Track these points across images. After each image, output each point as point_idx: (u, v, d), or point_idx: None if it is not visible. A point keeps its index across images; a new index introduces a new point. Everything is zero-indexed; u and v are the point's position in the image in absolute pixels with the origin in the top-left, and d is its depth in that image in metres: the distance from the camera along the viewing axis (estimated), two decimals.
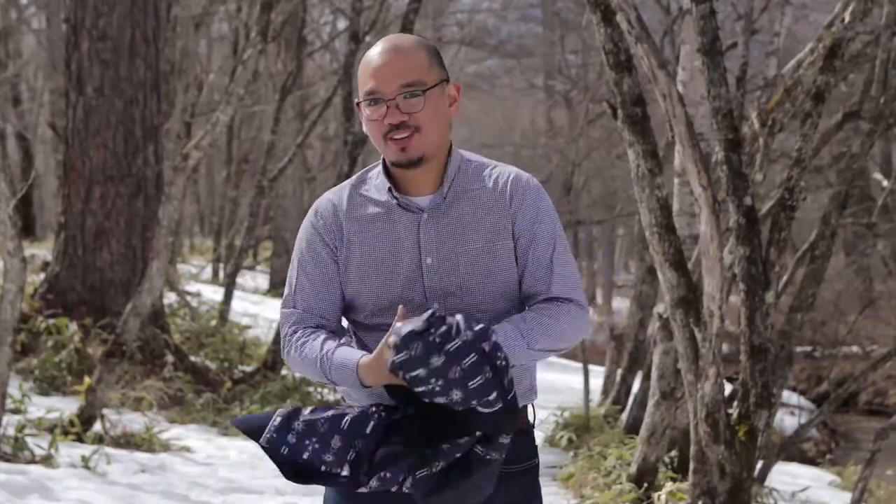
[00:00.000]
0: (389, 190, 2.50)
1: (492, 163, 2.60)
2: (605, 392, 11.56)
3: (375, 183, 2.55)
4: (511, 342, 2.40)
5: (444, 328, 2.24)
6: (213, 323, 11.64)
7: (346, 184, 2.60)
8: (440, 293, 2.47)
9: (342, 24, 20.32)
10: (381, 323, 2.48)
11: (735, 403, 4.96)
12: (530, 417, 2.57)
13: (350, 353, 2.44)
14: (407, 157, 2.45)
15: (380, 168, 2.56)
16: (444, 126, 2.49)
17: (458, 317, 2.26)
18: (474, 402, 2.26)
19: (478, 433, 2.30)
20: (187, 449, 7.35)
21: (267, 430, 2.40)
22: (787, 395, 14.00)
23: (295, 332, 2.54)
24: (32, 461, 6.18)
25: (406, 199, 2.50)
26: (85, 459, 6.30)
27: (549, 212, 2.55)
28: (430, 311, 2.27)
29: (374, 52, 2.48)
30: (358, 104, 2.52)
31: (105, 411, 7.20)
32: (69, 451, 6.50)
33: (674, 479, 6.95)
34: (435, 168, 2.51)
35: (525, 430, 2.54)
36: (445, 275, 2.47)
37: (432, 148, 2.48)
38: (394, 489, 2.33)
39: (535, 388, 2.59)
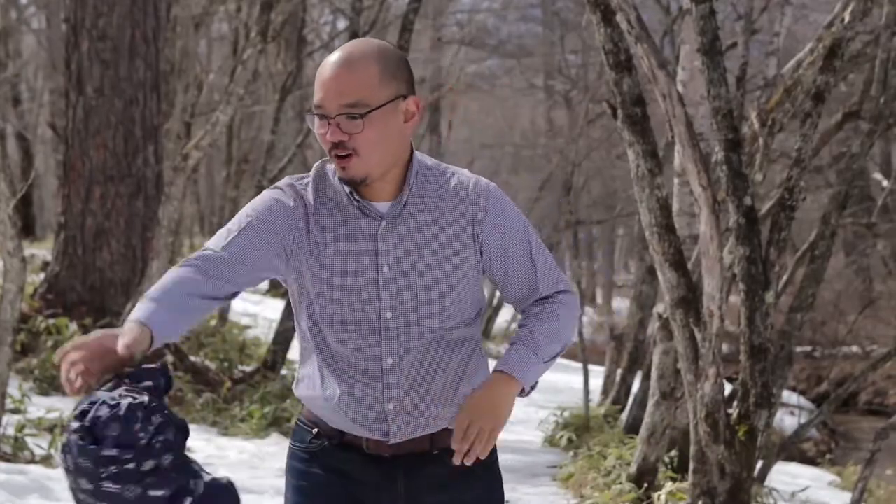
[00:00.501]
0: (351, 193, 2.43)
1: (449, 169, 2.52)
2: (605, 392, 11.57)
3: (335, 185, 2.46)
4: (529, 366, 2.42)
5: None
6: (213, 323, 11.64)
7: (309, 181, 2.49)
8: (395, 306, 2.41)
9: (342, 24, 20.33)
10: (336, 348, 2.45)
11: (735, 403, 4.96)
12: None
13: (137, 311, 2.31)
14: (348, 175, 2.38)
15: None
16: (394, 145, 2.39)
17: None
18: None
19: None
20: (187, 449, 7.35)
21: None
22: (787, 395, 14.00)
23: (195, 256, 2.41)
24: (32, 461, 6.18)
25: (366, 203, 2.43)
26: None
27: (514, 214, 2.50)
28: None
29: (328, 62, 2.39)
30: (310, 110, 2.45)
31: None
32: None
33: (674, 479, 6.95)
34: (393, 176, 2.43)
35: None
36: (402, 286, 2.41)
37: (375, 169, 2.39)
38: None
39: None
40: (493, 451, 2.53)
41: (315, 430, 2.52)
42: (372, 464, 2.49)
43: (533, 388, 2.47)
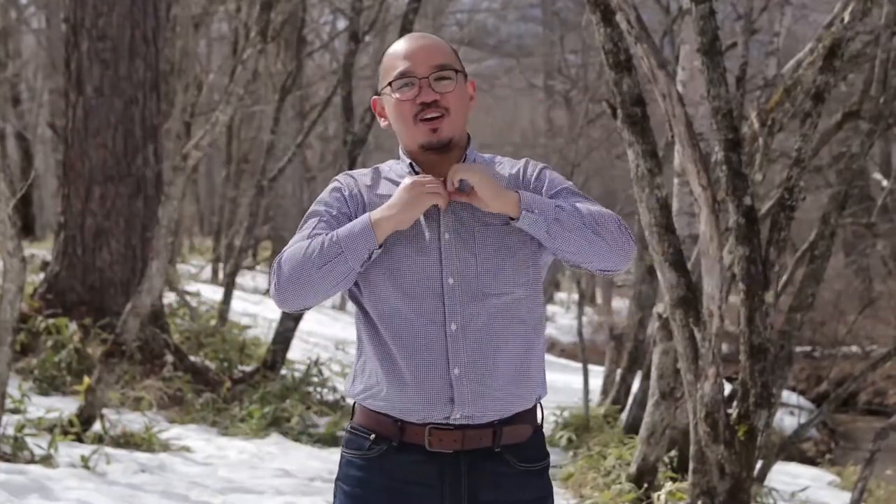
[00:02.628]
0: (411, 165, 2.52)
1: (501, 159, 2.65)
2: (605, 392, 11.56)
3: (395, 169, 2.58)
4: (534, 197, 2.46)
5: None
6: (213, 323, 11.64)
7: (364, 170, 2.61)
8: (456, 272, 2.46)
9: (342, 23, 20.32)
10: (395, 309, 2.46)
11: (735, 403, 4.96)
12: (538, 416, 2.57)
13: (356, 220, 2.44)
14: (438, 137, 2.48)
15: (396, 159, 2.60)
16: (466, 117, 2.54)
17: None
18: None
19: None
20: (187, 449, 7.35)
21: None
22: (787, 395, 14.00)
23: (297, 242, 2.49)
24: (32, 461, 6.18)
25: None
26: (84, 459, 6.29)
27: (559, 181, 2.58)
28: None
29: (403, 41, 2.53)
30: (376, 97, 2.56)
31: (104, 411, 7.20)
32: (69, 451, 6.49)
33: (673, 479, 6.95)
34: (455, 157, 2.54)
35: (536, 430, 2.56)
36: (463, 253, 2.47)
37: (459, 132, 2.52)
38: None
39: (546, 383, 2.58)
40: (546, 456, 2.57)
41: (373, 436, 2.49)
42: (434, 464, 2.46)
43: (528, 211, 2.43)
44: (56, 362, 8.39)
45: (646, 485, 6.80)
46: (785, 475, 9.52)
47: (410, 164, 2.53)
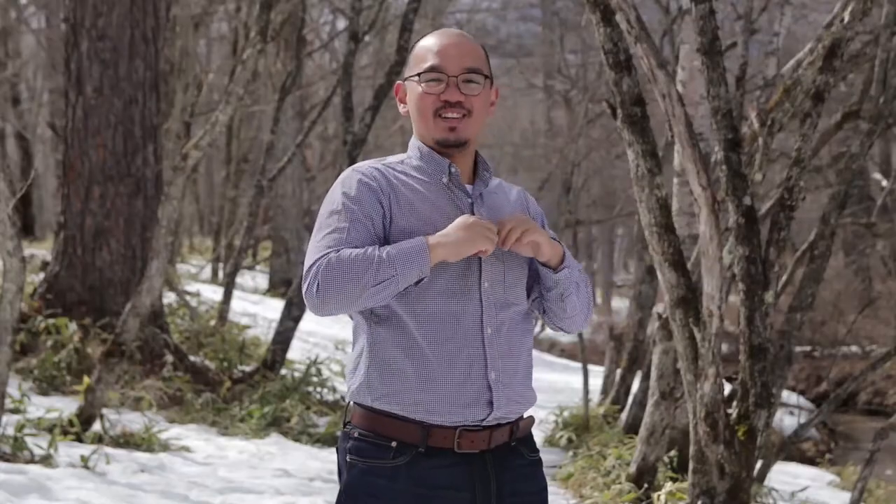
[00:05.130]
0: (450, 166, 2.52)
1: (500, 181, 2.71)
2: (605, 392, 11.56)
3: (412, 164, 2.56)
4: (570, 258, 2.58)
5: None
6: (213, 323, 11.63)
7: (368, 163, 2.56)
8: (491, 277, 2.50)
9: (342, 23, 20.31)
10: (438, 310, 2.45)
11: (734, 403, 4.95)
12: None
13: (411, 239, 2.43)
14: (455, 136, 2.50)
15: (411, 154, 2.58)
16: (483, 122, 2.57)
17: None
18: None
19: None
20: (187, 449, 7.35)
21: None
22: (787, 395, 14.00)
23: (334, 250, 2.41)
24: (32, 461, 6.18)
25: (459, 179, 2.54)
26: (84, 459, 6.29)
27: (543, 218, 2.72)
28: None
29: (438, 35, 2.56)
30: (400, 82, 2.59)
31: (104, 411, 7.20)
32: (68, 451, 6.49)
33: (673, 479, 6.94)
34: (468, 159, 2.58)
35: (532, 422, 2.66)
36: (496, 260, 2.51)
37: (474, 136, 2.55)
38: None
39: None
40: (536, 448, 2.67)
41: (394, 443, 2.43)
42: (463, 466, 2.45)
43: (566, 267, 2.55)
44: (56, 362, 8.39)
45: (646, 485, 6.80)
46: (785, 475, 9.52)
47: (449, 164, 2.52)
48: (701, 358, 4.84)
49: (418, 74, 2.51)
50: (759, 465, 6.72)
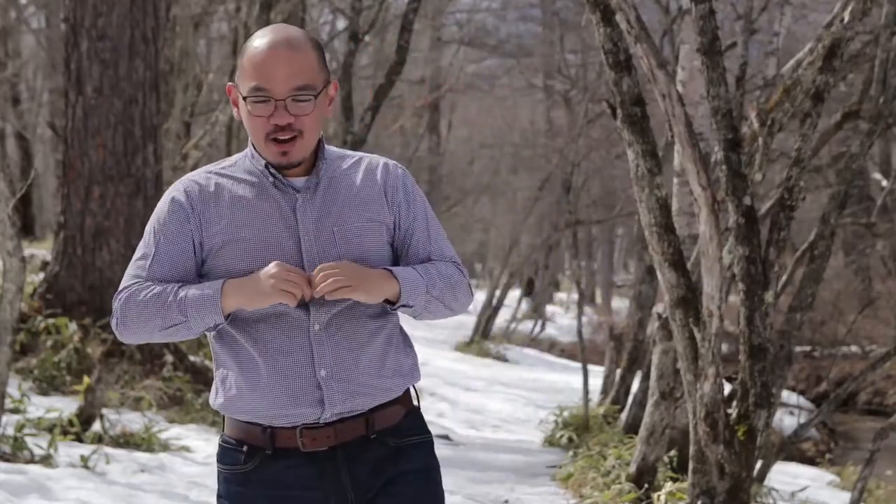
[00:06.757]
0: (266, 167, 2.45)
1: (355, 154, 2.60)
2: (605, 392, 11.56)
3: (244, 165, 2.50)
4: (411, 281, 2.44)
5: None
6: None
7: (203, 170, 2.53)
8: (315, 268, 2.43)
9: (341, 23, 20.31)
10: (261, 312, 2.41)
11: (734, 403, 4.95)
12: (413, 399, 2.57)
13: (209, 283, 2.39)
14: (288, 160, 2.42)
15: (247, 152, 2.52)
16: (320, 127, 2.47)
17: None
18: None
19: None
20: (187, 449, 7.35)
21: None
22: (787, 395, 14.00)
23: (138, 283, 2.45)
24: (31, 461, 6.18)
25: (283, 180, 2.46)
26: (84, 459, 6.29)
27: (418, 194, 2.58)
28: None
29: (264, 44, 2.39)
30: (231, 88, 2.46)
31: (104, 411, 7.20)
32: (68, 451, 6.49)
33: (673, 479, 6.94)
34: (304, 167, 2.49)
35: (411, 411, 2.55)
36: (323, 254, 2.43)
37: (309, 151, 2.46)
38: None
39: (419, 369, 2.58)
40: (427, 430, 2.58)
41: (245, 448, 2.46)
42: (312, 465, 2.44)
43: (402, 306, 2.46)
44: (56, 362, 8.39)
45: (646, 485, 6.80)
46: (785, 475, 9.52)
47: (266, 165, 2.45)
48: (701, 358, 4.84)
49: (244, 97, 2.40)
50: (759, 465, 6.71)
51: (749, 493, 4.94)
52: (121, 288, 2.47)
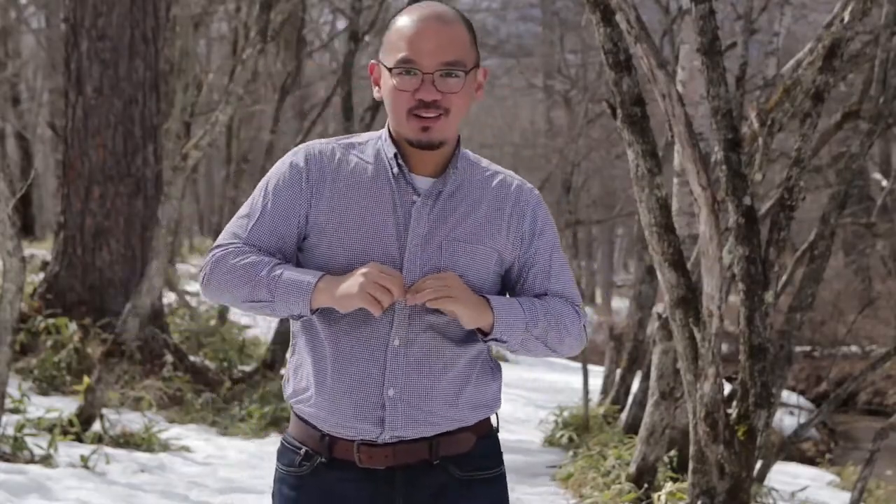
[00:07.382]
0: (395, 157, 2.30)
1: (491, 166, 2.43)
2: (605, 392, 11.56)
3: (374, 147, 2.35)
4: (510, 314, 2.28)
5: None
6: (213, 322, 11.64)
7: (332, 140, 2.38)
8: (413, 279, 2.28)
9: (341, 23, 20.31)
10: (348, 312, 2.26)
11: (734, 403, 4.95)
12: (490, 425, 2.42)
13: (307, 270, 2.26)
14: (428, 138, 2.26)
15: (381, 134, 2.37)
16: (467, 110, 2.32)
17: None
18: None
19: None
20: (187, 449, 7.35)
21: None
22: (787, 395, 14.00)
23: (236, 245, 2.32)
24: (31, 461, 6.18)
25: (410, 175, 2.31)
26: (84, 459, 6.29)
27: (552, 227, 2.42)
28: None
29: (414, 17, 2.25)
30: (374, 62, 2.32)
31: (104, 411, 7.20)
32: (68, 451, 6.49)
33: (673, 479, 6.94)
34: (442, 155, 2.33)
35: (484, 437, 2.39)
36: (424, 265, 2.28)
37: (453, 133, 2.32)
38: None
39: (500, 397, 2.43)
40: (500, 461, 2.43)
41: (303, 450, 2.36)
42: (368, 482, 2.31)
43: (495, 339, 2.30)
44: (56, 362, 8.39)
45: (646, 485, 6.79)
46: (785, 475, 9.52)
47: (395, 155, 2.30)
48: (701, 358, 4.84)
49: (390, 68, 2.25)
50: (759, 465, 6.71)
51: (749, 493, 4.94)
52: (216, 243, 2.33)
